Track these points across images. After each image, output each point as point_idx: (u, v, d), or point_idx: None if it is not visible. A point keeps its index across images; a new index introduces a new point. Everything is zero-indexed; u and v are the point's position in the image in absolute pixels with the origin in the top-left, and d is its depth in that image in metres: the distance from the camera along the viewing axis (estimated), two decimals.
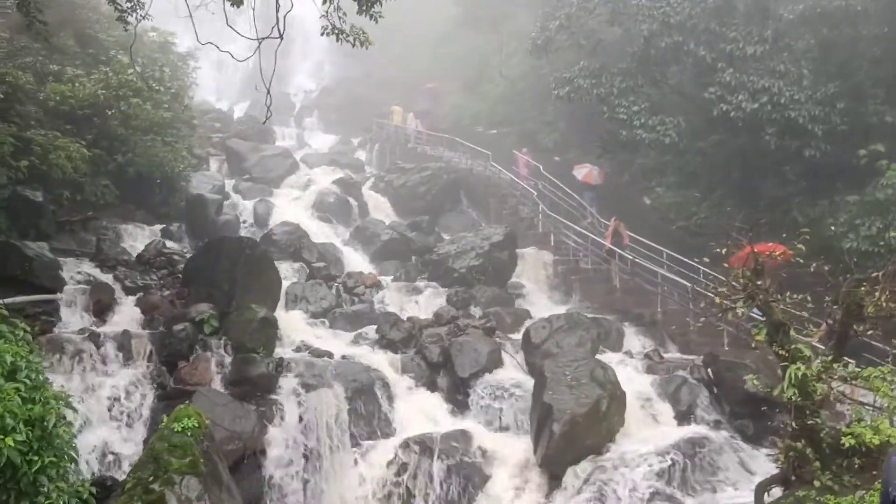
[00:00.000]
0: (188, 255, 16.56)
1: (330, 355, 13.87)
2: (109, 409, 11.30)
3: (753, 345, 15.72)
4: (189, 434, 8.78)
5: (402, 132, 30.98)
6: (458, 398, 13.77)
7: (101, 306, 13.61)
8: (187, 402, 10.43)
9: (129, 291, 14.52)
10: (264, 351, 13.04)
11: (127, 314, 13.65)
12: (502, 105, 30.33)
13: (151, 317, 13.51)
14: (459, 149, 27.73)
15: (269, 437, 11.70)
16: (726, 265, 14.80)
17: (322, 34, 13.18)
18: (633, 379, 13.61)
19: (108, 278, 14.66)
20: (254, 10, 14.58)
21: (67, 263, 15.10)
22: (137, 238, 19.03)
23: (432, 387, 13.95)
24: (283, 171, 25.83)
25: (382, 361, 13.97)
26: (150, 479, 8.23)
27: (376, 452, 12.14)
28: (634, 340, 16.59)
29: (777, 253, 12.12)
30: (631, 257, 18.60)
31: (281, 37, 11.84)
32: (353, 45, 13.00)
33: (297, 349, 14.30)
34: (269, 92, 12.73)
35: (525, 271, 20.73)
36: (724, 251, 12.22)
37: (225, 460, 10.83)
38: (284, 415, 12.02)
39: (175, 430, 8.75)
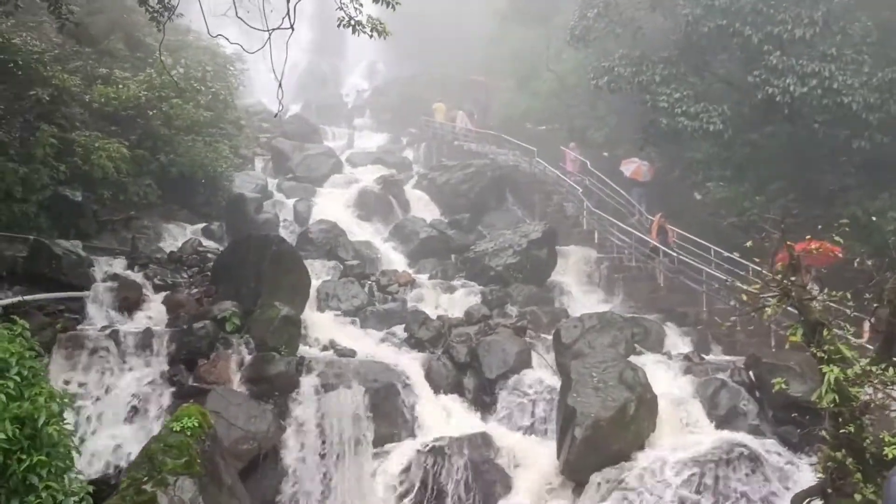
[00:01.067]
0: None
1: (353, 354, 13.57)
2: (126, 407, 11.22)
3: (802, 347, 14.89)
4: (188, 434, 8.58)
5: (448, 130, 30.63)
6: (485, 400, 13.31)
7: (129, 304, 13.63)
8: (192, 401, 10.27)
9: (158, 289, 14.52)
10: (286, 350, 12.83)
11: (154, 312, 13.64)
12: (552, 101, 29.70)
13: (176, 315, 13.45)
14: (505, 145, 27.24)
15: (285, 437, 11.48)
16: (770, 262, 14.02)
17: (339, 26, 12.78)
18: (669, 381, 12.96)
19: (138, 276, 14.69)
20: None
21: (100, 262, 15.22)
22: (178, 237, 19.25)
23: (458, 388, 13.51)
24: (327, 170, 25.81)
25: (407, 361, 13.61)
26: (144, 479, 8.05)
27: (395, 454, 11.78)
28: (676, 341, 15.85)
29: (814, 247, 11.29)
30: (675, 254, 17.85)
31: (292, 27, 11.45)
32: (371, 37, 12.60)
33: (324, 348, 14.06)
34: (280, 85, 12.36)
35: (567, 269, 20.14)
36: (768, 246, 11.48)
37: (237, 460, 10.78)
38: (301, 415, 11.77)
39: (173, 429, 8.56)
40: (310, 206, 22.00)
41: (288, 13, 11.51)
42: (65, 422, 7.88)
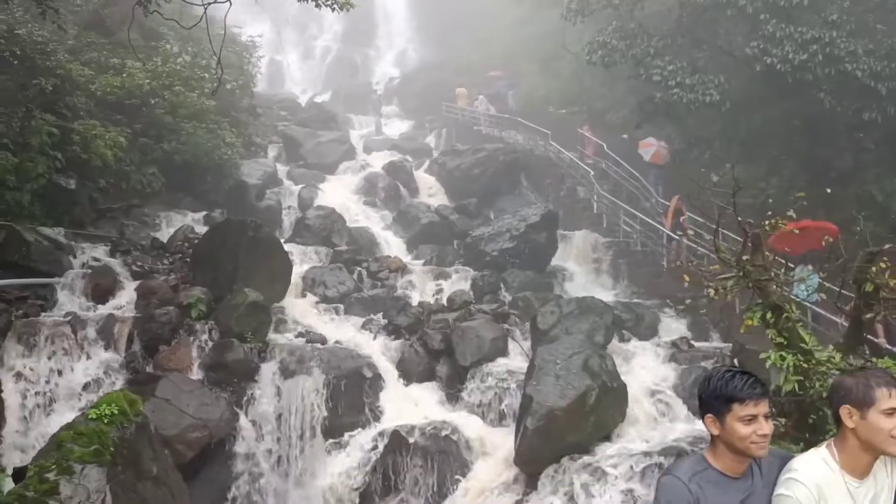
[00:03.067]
0: None
1: (324, 341, 13.27)
2: (77, 394, 11.13)
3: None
4: (105, 421, 8.36)
5: (468, 115, 30.12)
6: (458, 387, 12.87)
7: (101, 290, 13.58)
8: (141, 388, 10.10)
9: (136, 276, 14.45)
10: (253, 336, 12.62)
11: (125, 299, 13.55)
12: (573, 83, 28.93)
13: (147, 301, 13.32)
14: (521, 129, 26.61)
15: (239, 425, 11.26)
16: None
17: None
18: (647, 369, 12.32)
19: (116, 263, 14.66)
20: None
21: (84, 248, 15.21)
22: (177, 224, 19.20)
23: (431, 375, 13.10)
24: (338, 157, 25.57)
25: (376, 348, 13.28)
26: (51, 466, 7.85)
27: (354, 442, 11.47)
28: (672, 327, 15.13)
29: (785, 227, 10.46)
30: (678, 238, 17.04)
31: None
32: (333, 10, 12.19)
33: (299, 335, 13.78)
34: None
35: (571, 254, 19.52)
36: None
37: (188, 448, 10.63)
38: (258, 402, 11.56)
39: (89, 416, 8.36)
40: (314, 193, 21.77)
41: None
42: None
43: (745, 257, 8.74)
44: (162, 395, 10.82)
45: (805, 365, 8.17)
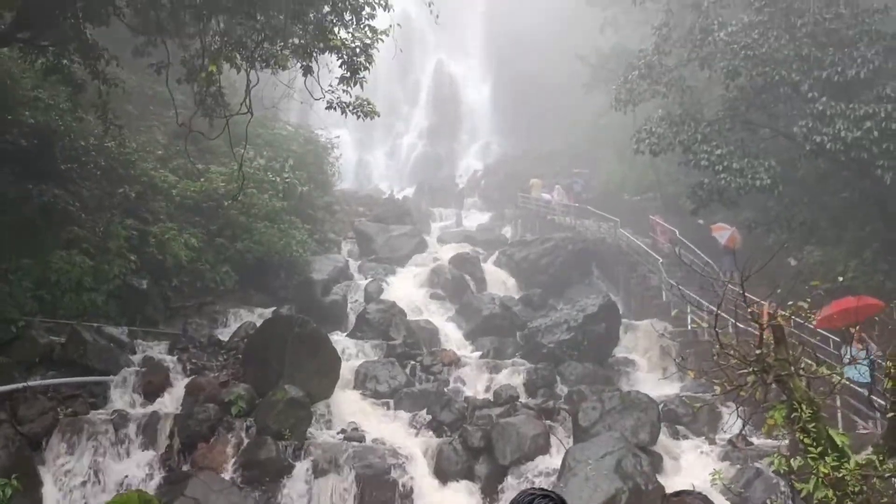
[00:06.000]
0: None
1: (362, 439, 13.14)
2: (113, 493, 11.34)
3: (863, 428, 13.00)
4: None
5: (542, 204, 30.15)
6: (496, 487, 12.37)
7: (153, 387, 14.00)
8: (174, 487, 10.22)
9: (189, 373, 14.87)
10: (290, 433, 12.65)
11: (175, 396, 13.90)
12: (647, 171, 28.59)
13: (195, 398, 13.63)
14: (592, 217, 26.36)
15: None
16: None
17: (327, 108, 12.87)
18: (695, 469, 11.50)
19: (171, 360, 15.13)
20: None
21: (145, 346, 15.84)
22: (245, 320, 19.74)
23: (468, 474, 12.66)
24: (410, 250, 25.95)
25: (416, 445, 13.01)
26: None
27: None
28: (734, 422, 14.14)
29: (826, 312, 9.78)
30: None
31: (250, 112, 11.65)
32: (359, 118, 12.57)
33: (341, 431, 13.73)
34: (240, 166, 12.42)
35: (637, 345, 18.83)
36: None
37: None
38: (287, 502, 11.43)
39: None
40: (381, 287, 22.03)
41: (244, 100, 11.65)
42: None
43: (762, 350, 8.19)
44: (191, 495, 10.92)
45: (836, 474, 7.46)
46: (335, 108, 12.99)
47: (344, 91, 12.61)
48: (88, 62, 14.02)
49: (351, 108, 12.89)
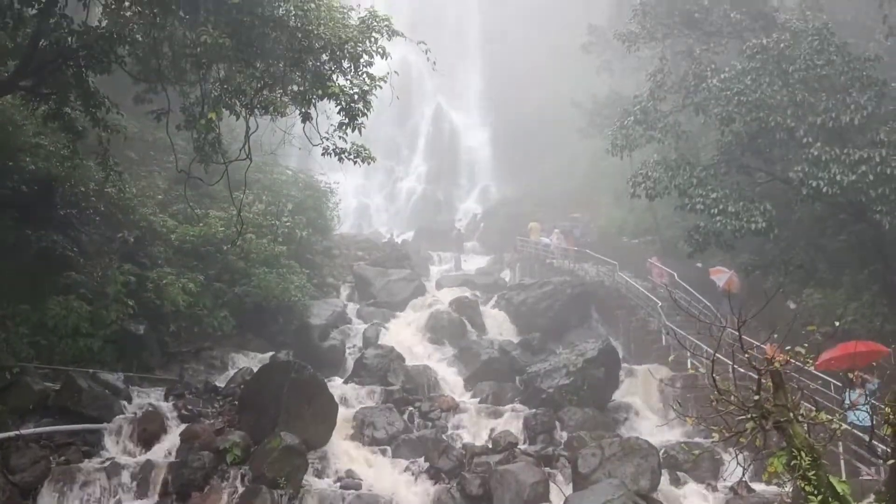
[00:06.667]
0: None
1: (358, 487, 12.96)
2: None
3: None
4: None
5: (540, 248, 30.22)
6: None
7: (148, 435, 13.85)
8: None
9: (184, 420, 14.69)
10: (286, 482, 12.44)
11: (170, 443, 13.73)
12: (646, 214, 28.74)
13: (190, 446, 13.47)
14: (591, 260, 26.41)
15: None
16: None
17: (323, 154, 12.97)
18: None
19: (167, 407, 14.99)
20: None
21: (140, 392, 15.71)
22: (243, 366, 19.60)
23: None
24: (408, 295, 25.93)
25: (413, 494, 12.82)
26: None
27: None
28: (736, 468, 13.97)
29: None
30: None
31: (249, 158, 11.74)
32: (355, 163, 12.67)
33: (338, 479, 13.54)
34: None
35: (637, 390, 18.66)
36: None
37: None
38: None
39: None
40: (378, 332, 21.97)
41: (243, 146, 11.74)
42: None
43: (761, 396, 8.13)
44: None
45: None
46: (332, 155, 13.07)
47: (341, 137, 12.72)
48: (90, 110, 14.17)
49: (348, 153, 12.98)
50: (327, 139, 12.94)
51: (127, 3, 12.76)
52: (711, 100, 16.09)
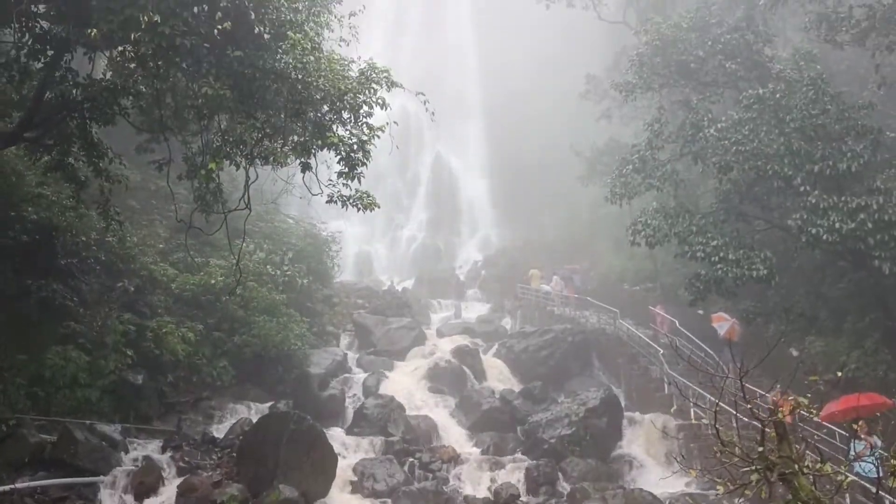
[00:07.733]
0: None
1: None
2: None
3: None
4: None
5: (541, 295, 30.17)
6: None
7: (145, 488, 13.69)
8: None
9: (182, 472, 14.53)
10: None
11: (166, 496, 13.55)
12: (646, 261, 28.76)
13: (187, 499, 13.28)
14: (592, 308, 26.34)
15: None
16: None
17: (328, 202, 13.03)
18: None
19: (164, 459, 14.81)
20: None
21: (137, 444, 15.52)
22: (242, 417, 19.40)
23: None
24: (409, 343, 25.82)
25: None
26: None
27: None
28: None
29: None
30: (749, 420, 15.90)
31: (249, 207, 11.79)
32: (359, 210, 12.72)
33: None
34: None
35: (640, 440, 18.43)
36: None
37: None
38: None
39: None
40: (379, 381, 21.81)
41: (243, 196, 11.80)
42: None
43: (765, 447, 8.00)
44: None
45: None
46: (336, 202, 13.14)
47: (344, 185, 12.82)
48: (92, 160, 14.28)
49: (351, 201, 13.05)
50: (328, 187, 13.03)
51: (131, 56, 12.94)
52: (709, 149, 16.26)
